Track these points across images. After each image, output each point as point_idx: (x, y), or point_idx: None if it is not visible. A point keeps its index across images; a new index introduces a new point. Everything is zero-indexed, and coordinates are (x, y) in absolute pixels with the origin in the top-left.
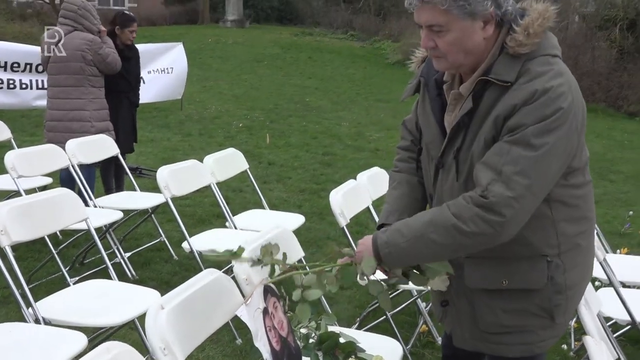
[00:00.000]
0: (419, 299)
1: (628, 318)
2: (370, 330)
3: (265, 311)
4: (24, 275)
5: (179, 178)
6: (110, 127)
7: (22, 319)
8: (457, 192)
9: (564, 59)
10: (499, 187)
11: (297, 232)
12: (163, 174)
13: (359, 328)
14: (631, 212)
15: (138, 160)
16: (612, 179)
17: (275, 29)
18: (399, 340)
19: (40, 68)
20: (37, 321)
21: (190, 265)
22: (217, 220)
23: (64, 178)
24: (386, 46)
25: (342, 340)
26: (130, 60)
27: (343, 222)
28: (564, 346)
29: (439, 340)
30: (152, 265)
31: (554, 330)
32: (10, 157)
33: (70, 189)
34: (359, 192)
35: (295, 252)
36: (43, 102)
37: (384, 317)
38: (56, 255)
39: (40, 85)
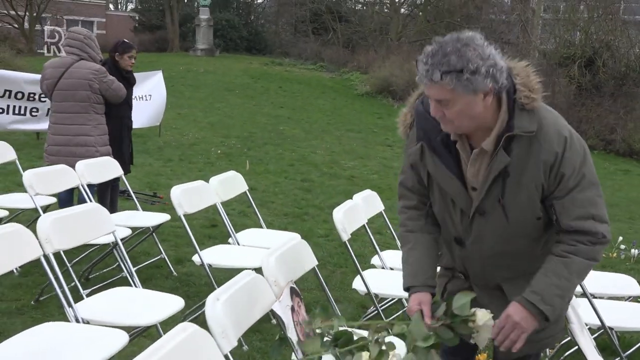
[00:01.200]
0: None
1: (599, 323)
2: None
3: (292, 309)
4: (33, 289)
5: (189, 196)
6: (110, 151)
7: None
8: (505, 231)
9: None
10: (601, 227)
11: None
12: (176, 192)
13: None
14: None
15: (123, 184)
16: None
17: (244, 59)
18: None
19: (19, 95)
20: (77, 321)
21: (189, 281)
22: (209, 240)
23: (62, 198)
24: (355, 77)
25: (355, 337)
26: (132, 85)
27: (345, 236)
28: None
29: None
30: (154, 281)
31: (556, 326)
32: (28, 176)
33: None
34: (356, 211)
35: (310, 260)
36: (18, 126)
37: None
38: (70, 269)
39: (16, 111)
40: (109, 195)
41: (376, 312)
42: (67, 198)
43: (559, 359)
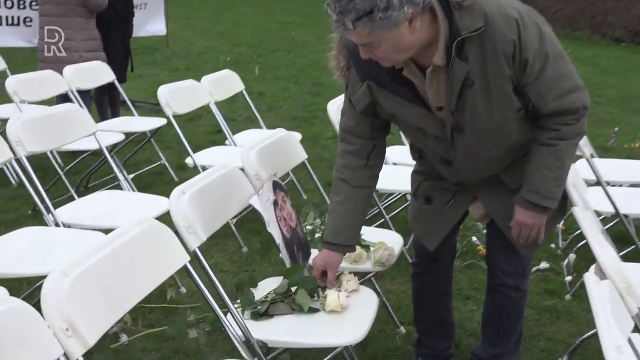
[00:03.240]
0: None
1: (613, 210)
2: None
3: (275, 203)
4: (31, 198)
5: (178, 96)
6: (100, 57)
7: None
8: (490, 137)
9: None
10: (580, 97)
11: None
12: (164, 92)
13: None
14: (616, 129)
15: (128, 94)
16: (597, 101)
17: None
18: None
19: (8, 3)
20: (57, 225)
21: None
22: (213, 145)
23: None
24: None
25: None
26: None
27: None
28: (552, 245)
29: None
30: (154, 188)
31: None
32: (11, 82)
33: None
34: None
35: (299, 155)
36: (17, 42)
37: (383, 220)
38: (63, 177)
39: (9, 22)
40: (107, 104)
41: (377, 209)
42: None
43: (572, 249)
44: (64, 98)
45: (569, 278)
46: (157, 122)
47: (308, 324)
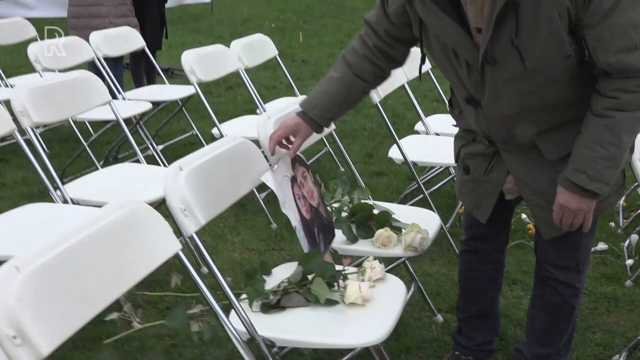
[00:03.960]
0: None
1: None
2: None
3: (293, 179)
4: (57, 171)
5: (204, 62)
6: (131, 22)
7: None
8: (526, 80)
9: None
10: None
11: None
12: (188, 58)
13: None
14: None
15: (169, 62)
16: None
17: None
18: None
19: None
20: (65, 202)
21: None
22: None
23: None
24: None
25: (376, 211)
26: None
27: (377, 98)
28: (612, 224)
29: None
30: None
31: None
32: (33, 50)
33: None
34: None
35: None
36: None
37: (422, 196)
38: (87, 148)
39: None
40: (143, 72)
41: (416, 184)
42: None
43: (634, 229)
44: (96, 66)
45: (630, 261)
46: (187, 90)
47: (323, 319)
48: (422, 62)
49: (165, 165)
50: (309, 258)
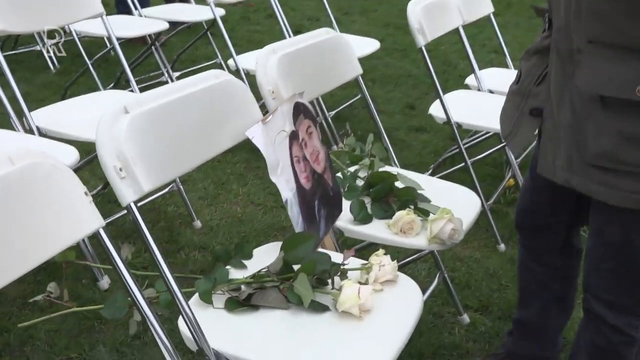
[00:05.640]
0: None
1: None
2: (444, 178)
3: (293, 136)
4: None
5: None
6: None
7: None
8: None
9: None
10: None
11: (374, 66)
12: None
13: (432, 175)
14: None
15: None
16: None
17: None
18: (478, 194)
19: None
20: (30, 131)
21: None
22: None
23: None
24: None
25: (400, 184)
26: None
27: (422, 40)
28: None
29: None
30: None
31: None
32: None
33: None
34: (447, 9)
35: (349, 69)
36: None
37: (463, 164)
38: (90, 67)
39: None
40: None
41: (457, 148)
42: None
43: None
44: None
45: None
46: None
47: (303, 333)
48: None
49: None
50: (295, 242)
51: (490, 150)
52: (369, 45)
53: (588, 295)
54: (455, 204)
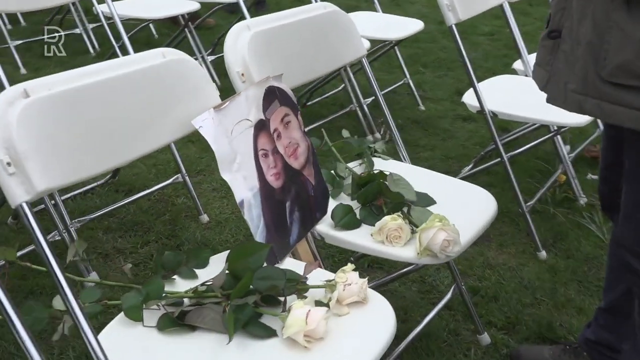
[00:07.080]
0: (558, 137)
1: None
2: (481, 173)
3: (261, 126)
4: None
5: None
6: None
7: None
8: None
9: None
10: None
11: (429, 49)
12: None
13: (473, 168)
14: None
15: None
16: None
17: None
18: (515, 192)
19: None
20: None
21: None
22: None
23: None
24: None
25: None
26: None
27: (452, 18)
28: None
29: (582, 199)
30: None
31: None
32: None
33: None
34: None
35: (351, 48)
36: None
37: (498, 159)
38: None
39: None
40: None
41: (507, 138)
42: None
43: None
44: None
45: None
46: None
47: None
48: None
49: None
50: (244, 251)
51: (536, 142)
52: (411, 25)
53: (623, 250)
54: (464, 208)
